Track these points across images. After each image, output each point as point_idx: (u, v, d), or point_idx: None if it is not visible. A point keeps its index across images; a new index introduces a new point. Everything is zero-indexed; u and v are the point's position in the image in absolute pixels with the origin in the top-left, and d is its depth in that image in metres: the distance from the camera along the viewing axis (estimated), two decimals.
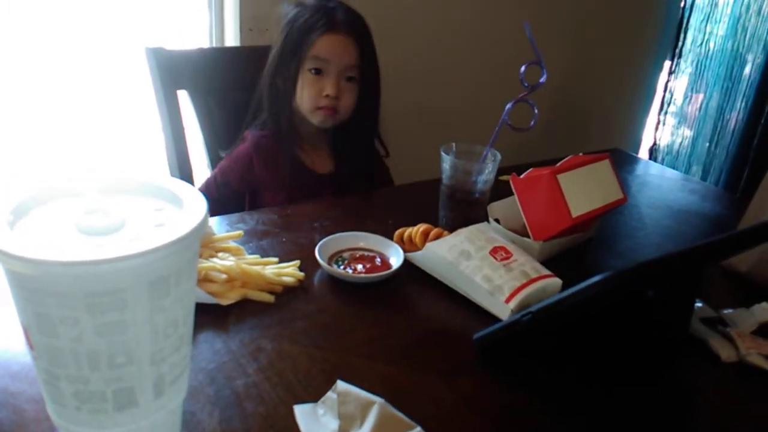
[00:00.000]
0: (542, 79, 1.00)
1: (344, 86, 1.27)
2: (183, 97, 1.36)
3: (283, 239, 0.99)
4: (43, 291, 0.41)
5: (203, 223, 0.46)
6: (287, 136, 1.31)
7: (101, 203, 0.47)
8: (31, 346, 0.45)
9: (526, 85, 1.00)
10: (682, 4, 2.50)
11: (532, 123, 1.04)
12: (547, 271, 0.87)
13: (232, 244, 0.90)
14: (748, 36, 2.41)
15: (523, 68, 1.01)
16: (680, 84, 2.61)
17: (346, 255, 0.94)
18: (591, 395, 0.71)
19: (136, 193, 0.51)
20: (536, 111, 1.02)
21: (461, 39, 2.01)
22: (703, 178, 2.58)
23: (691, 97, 2.61)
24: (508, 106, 1.02)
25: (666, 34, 2.57)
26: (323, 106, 1.26)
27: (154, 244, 0.41)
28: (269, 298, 0.83)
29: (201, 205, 0.47)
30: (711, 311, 0.86)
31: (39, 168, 1.64)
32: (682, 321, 0.80)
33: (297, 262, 0.90)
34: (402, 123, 1.95)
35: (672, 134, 2.68)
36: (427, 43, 1.95)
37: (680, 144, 2.67)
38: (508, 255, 0.88)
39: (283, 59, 1.27)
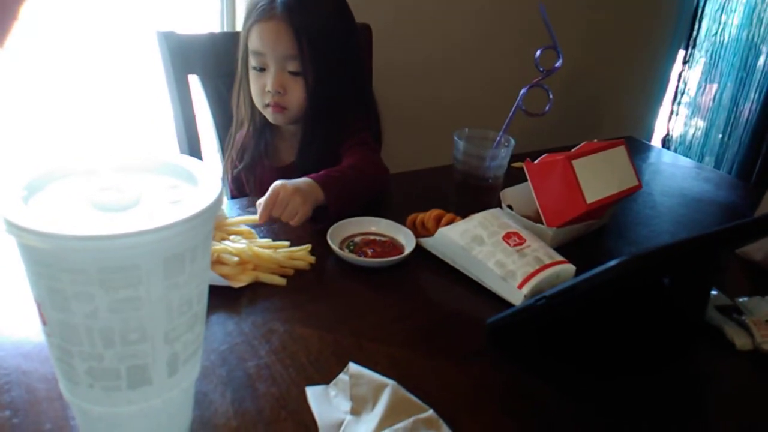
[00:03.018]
0: (558, 64, 0.98)
1: (288, 79, 1.11)
2: (194, 81, 1.35)
3: None
4: (57, 266, 0.41)
5: (218, 200, 0.45)
6: (253, 139, 1.22)
7: (116, 180, 0.46)
8: (44, 321, 0.45)
9: (541, 69, 0.99)
10: None
11: (547, 108, 1.02)
12: (560, 257, 0.86)
13: (243, 228, 0.90)
14: (763, 26, 2.37)
15: (538, 53, 1.00)
16: (694, 74, 2.58)
17: (357, 239, 0.94)
18: (604, 382, 0.70)
19: (150, 171, 0.50)
20: (551, 96, 1.01)
21: (475, 22, 1.99)
22: (716, 169, 2.56)
23: (705, 87, 2.57)
24: (523, 91, 1.01)
25: (680, 23, 2.53)
26: (268, 102, 1.13)
27: (169, 220, 0.41)
28: (281, 281, 0.82)
29: (216, 182, 0.47)
30: (726, 299, 0.85)
31: (52, 148, 1.64)
32: (698, 309, 0.79)
33: (308, 246, 0.89)
34: (415, 108, 1.94)
35: (685, 125, 2.65)
36: (440, 26, 1.93)
37: (693, 135, 2.64)
38: (521, 241, 0.87)
39: (239, 53, 1.17)
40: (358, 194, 1.04)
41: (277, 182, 0.95)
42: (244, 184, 1.28)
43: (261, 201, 0.94)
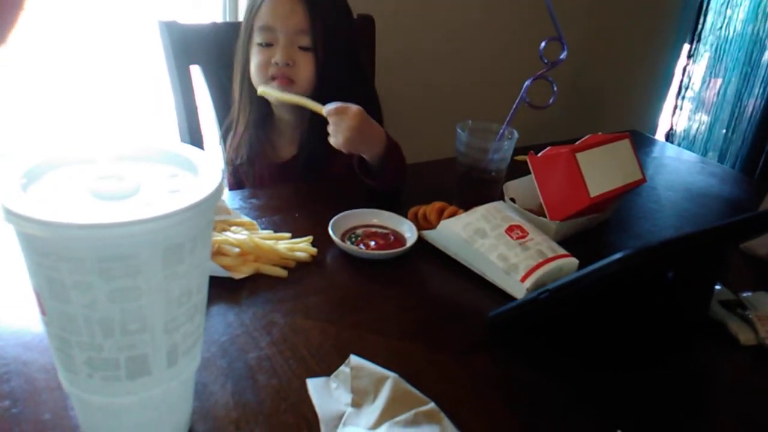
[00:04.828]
0: (562, 56, 0.98)
1: (297, 54, 1.09)
2: (196, 72, 1.35)
3: (296, 215, 0.98)
4: (56, 255, 0.40)
5: (218, 189, 0.45)
6: (252, 134, 1.21)
7: (115, 169, 0.46)
8: (43, 311, 0.44)
9: (545, 61, 0.98)
10: None
11: (551, 100, 1.02)
12: (563, 251, 0.86)
13: (245, 219, 0.89)
14: None
15: (543, 44, 0.99)
16: (698, 68, 2.57)
17: (359, 231, 0.93)
18: (607, 376, 0.70)
19: (150, 160, 0.50)
20: (555, 88, 1.00)
21: (479, 13, 1.98)
22: (719, 164, 2.55)
23: (709, 81, 2.56)
24: (527, 83, 1.00)
25: (685, 17, 2.52)
26: (274, 75, 1.10)
27: (168, 209, 0.40)
28: (282, 273, 0.82)
29: (216, 171, 0.46)
30: (730, 294, 0.84)
31: (52, 137, 1.64)
32: (702, 303, 0.79)
33: (310, 238, 0.89)
34: (418, 100, 1.93)
35: (689, 119, 2.64)
36: (443, 18, 1.92)
37: (697, 129, 2.63)
38: (524, 234, 0.86)
39: (240, 39, 1.16)
40: (404, 168, 1.08)
41: (356, 106, 0.98)
42: (243, 179, 1.27)
43: (332, 106, 0.98)
